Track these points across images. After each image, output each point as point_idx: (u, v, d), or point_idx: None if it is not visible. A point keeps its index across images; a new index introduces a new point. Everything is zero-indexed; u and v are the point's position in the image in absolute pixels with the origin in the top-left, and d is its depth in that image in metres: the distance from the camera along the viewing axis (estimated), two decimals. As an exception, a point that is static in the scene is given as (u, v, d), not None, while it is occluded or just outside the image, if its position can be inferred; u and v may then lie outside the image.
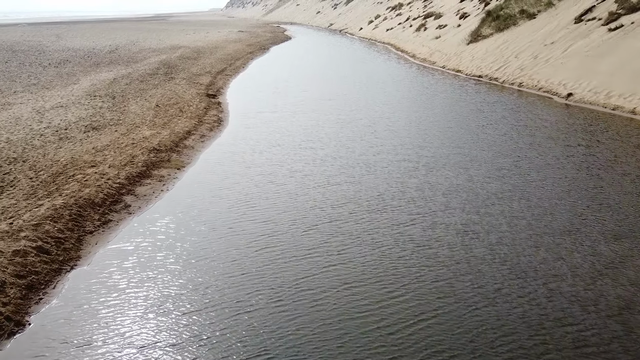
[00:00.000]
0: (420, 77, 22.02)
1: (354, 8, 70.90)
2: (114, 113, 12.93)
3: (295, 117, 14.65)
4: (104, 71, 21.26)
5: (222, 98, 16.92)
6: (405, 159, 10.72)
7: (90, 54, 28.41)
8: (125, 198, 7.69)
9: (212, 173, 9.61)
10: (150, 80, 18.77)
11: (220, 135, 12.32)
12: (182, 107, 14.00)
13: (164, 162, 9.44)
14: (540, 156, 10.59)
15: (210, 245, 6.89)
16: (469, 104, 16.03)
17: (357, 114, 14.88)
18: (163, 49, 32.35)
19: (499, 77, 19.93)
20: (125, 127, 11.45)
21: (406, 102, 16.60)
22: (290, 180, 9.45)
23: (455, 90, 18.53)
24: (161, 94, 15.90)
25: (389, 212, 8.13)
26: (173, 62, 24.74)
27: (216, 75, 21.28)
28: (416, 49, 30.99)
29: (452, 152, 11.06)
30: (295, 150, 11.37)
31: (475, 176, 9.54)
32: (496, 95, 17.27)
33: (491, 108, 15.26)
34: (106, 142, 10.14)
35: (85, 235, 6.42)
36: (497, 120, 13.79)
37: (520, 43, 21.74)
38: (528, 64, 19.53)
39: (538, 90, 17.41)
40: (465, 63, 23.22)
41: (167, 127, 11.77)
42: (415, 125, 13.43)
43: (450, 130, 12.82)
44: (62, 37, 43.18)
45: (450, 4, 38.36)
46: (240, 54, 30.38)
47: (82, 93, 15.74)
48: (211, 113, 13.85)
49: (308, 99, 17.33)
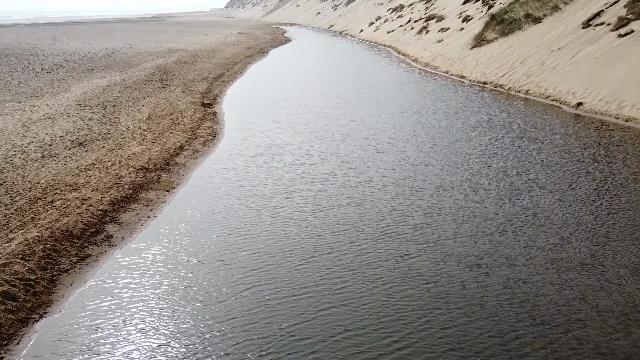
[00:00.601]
0: (422, 83, 21.41)
1: (355, 9, 70.30)
2: (103, 126, 12.31)
3: (293, 128, 14.04)
4: (97, 77, 20.65)
5: (218, 107, 16.30)
6: (409, 176, 10.11)
7: (85, 59, 27.80)
8: (107, 227, 7.07)
9: (203, 195, 8.99)
10: (144, 88, 18.16)
11: (215, 150, 11.69)
12: (175, 118, 13.39)
13: (152, 183, 8.82)
14: (554, 174, 9.97)
15: (199, 282, 6.28)
16: (475, 113, 15.41)
17: (358, 125, 14.27)
18: (160, 52, 31.73)
19: (505, 84, 19.31)
20: (113, 143, 10.84)
21: (409, 112, 15.99)
22: (287, 203, 8.84)
23: (459, 97, 17.91)
24: (154, 103, 15.28)
25: (394, 240, 7.51)
26: (169, 67, 24.13)
27: (213, 82, 20.67)
28: (418, 52, 30.38)
29: (459, 168, 10.44)
30: (293, 167, 10.77)
31: (486, 198, 8.92)
32: (502, 104, 16.65)
33: (498, 118, 14.65)
34: (92, 161, 9.52)
35: (60, 275, 5.81)
36: (505, 132, 13.18)
37: (525, 48, 21.12)
38: (535, 71, 18.92)
39: (546, 98, 16.79)
40: (469, 68, 22.60)
41: (159, 141, 11.15)
42: (419, 138, 12.81)
43: (456, 144, 12.20)
44: (59, 39, 42.57)
45: (453, 6, 37.76)
46: (239, 58, 29.77)
47: (72, 102, 15.12)
48: (206, 125, 13.23)
49: (307, 108, 16.72)
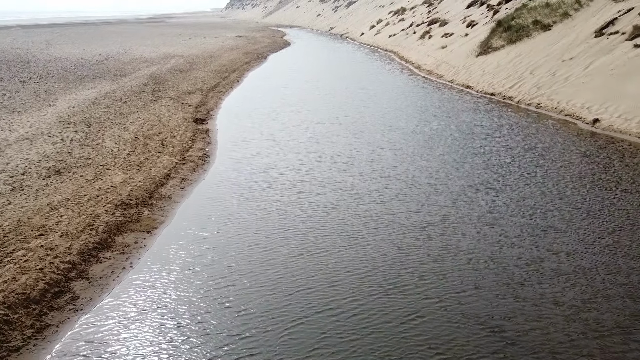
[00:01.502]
0: (427, 94, 20.47)
1: (355, 11, 69.37)
2: (85, 149, 11.37)
3: (290, 148, 13.12)
4: (86, 88, 19.71)
5: (211, 123, 15.36)
6: (417, 209, 9.18)
7: (76, 66, 26.87)
8: (73, 285, 6.14)
9: (187, 237, 8.03)
10: (134, 101, 17.22)
11: (204, 177, 10.74)
12: (164, 138, 12.45)
13: (132, 222, 7.88)
14: (576, 208, 9.02)
15: (174, 357, 5.36)
16: (484, 129, 14.47)
17: (359, 144, 13.34)
18: (155, 58, 30.81)
19: (514, 95, 18.36)
20: (93, 171, 9.90)
21: (413, 128, 15.05)
22: (280, 245, 7.91)
23: (466, 111, 16.97)
24: (143, 120, 14.35)
25: (401, 294, 6.59)
26: (163, 76, 23.19)
27: (208, 93, 19.73)
28: (421, 59, 29.44)
29: (471, 199, 9.50)
30: (289, 197, 9.84)
31: (503, 238, 7.98)
32: (513, 119, 15.71)
33: (510, 136, 13.71)
34: (66, 195, 8.59)
35: (9, 357, 4.89)
36: (518, 153, 12.23)
37: (535, 57, 20.18)
38: (545, 82, 17.97)
39: (559, 113, 15.85)
40: (475, 78, 21.66)
41: (143, 168, 10.22)
42: (426, 160, 11.88)
43: (466, 169, 11.26)
44: (52, 43, 41.64)
45: (456, 10, 36.83)
46: (236, 65, 28.83)
47: (55, 119, 14.19)
48: (196, 146, 12.29)
49: (305, 123, 15.79)
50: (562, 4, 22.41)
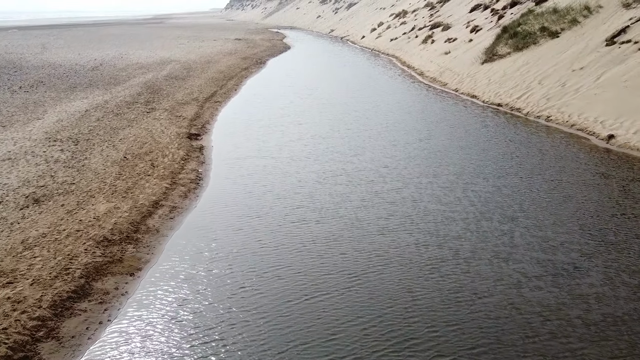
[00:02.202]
0: (431, 104, 19.74)
1: (356, 14, 68.68)
2: (70, 172, 10.64)
3: (289, 166, 12.41)
4: (78, 98, 19.00)
5: (206, 139, 14.63)
6: (425, 241, 8.47)
7: (70, 73, 26.16)
8: (41, 348, 5.40)
9: (174, 279, 7.27)
10: (126, 113, 16.51)
11: (197, 203, 10.01)
12: (155, 158, 11.73)
13: (113, 263, 7.15)
14: (598, 241, 8.30)
15: None
16: (493, 144, 13.75)
17: (362, 162, 12.63)
18: (151, 64, 30.10)
19: (522, 107, 17.64)
20: (76, 199, 9.18)
21: (418, 144, 14.33)
22: (275, 287, 7.19)
23: (473, 124, 16.24)
24: (134, 136, 13.63)
25: (409, 351, 5.88)
26: (158, 85, 22.47)
27: (204, 103, 19.01)
28: (424, 65, 28.72)
29: (484, 228, 8.78)
30: (287, 226, 9.14)
31: (523, 280, 7.26)
32: (522, 133, 14.98)
33: (520, 151, 12.98)
34: (43, 229, 7.87)
35: None
36: (529, 172, 11.50)
37: (543, 66, 19.46)
38: (555, 93, 17.25)
39: (570, 127, 15.12)
40: (480, 87, 20.94)
41: (130, 195, 9.50)
42: (433, 183, 11.16)
43: (477, 192, 10.53)
44: (48, 47, 40.94)
45: (459, 14, 36.12)
46: (234, 71, 28.12)
47: (41, 135, 13.47)
48: (189, 167, 11.56)
49: (305, 137, 15.08)
50: (570, 10, 21.69)
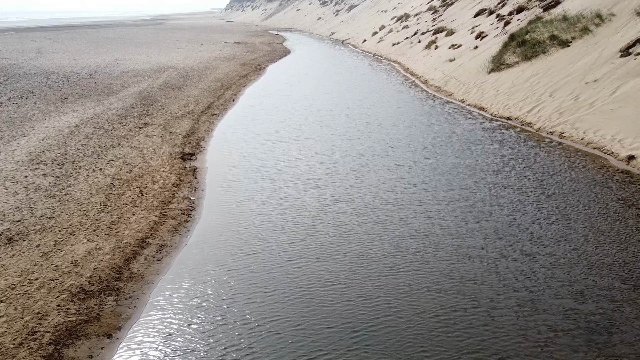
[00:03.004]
0: (437, 116, 18.91)
1: (357, 16, 67.86)
2: (50, 202, 9.82)
3: (288, 190, 11.61)
4: (68, 111, 18.18)
5: (200, 159, 13.81)
6: (440, 286, 7.66)
7: (63, 81, 25.34)
8: None
9: (156, 339, 6.38)
10: (117, 129, 15.68)
11: (188, 239, 9.18)
12: (144, 184, 10.91)
13: (90, 322, 6.31)
14: (631, 287, 7.48)
15: None
16: (505, 164, 12.92)
17: (366, 185, 11.81)
18: (147, 71, 29.28)
19: (533, 121, 16.81)
20: (54, 237, 8.36)
21: (425, 163, 13.51)
22: (267, 346, 6.38)
23: (483, 139, 15.41)
24: (124, 157, 12.81)
25: None
26: (153, 95, 21.65)
27: (200, 117, 18.18)
28: (428, 72, 27.90)
29: (503, 271, 7.96)
30: (285, 265, 8.33)
31: (554, 340, 6.44)
32: (535, 151, 14.15)
33: (534, 173, 12.15)
34: (13, 278, 7.05)
35: None
36: (546, 198, 10.67)
37: (554, 77, 18.64)
38: (568, 107, 16.43)
39: (586, 145, 14.30)
40: (488, 98, 20.12)
41: (114, 231, 8.68)
42: (443, 212, 10.34)
43: (493, 224, 9.71)
44: (43, 52, 40.10)
45: (463, 19, 35.31)
46: (233, 79, 27.30)
47: (25, 156, 12.65)
48: (181, 194, 10.74)
49: (305, 155, 14.26)
50: (581, 18, 20.86)
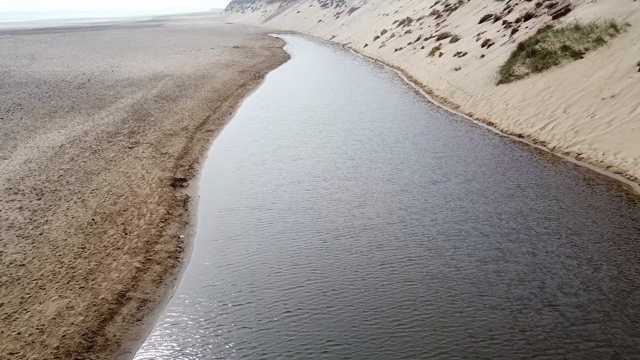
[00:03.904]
0: (444, 132, 17.93)
1: (358, 19, 66.92)
2: (23, 244, 8.87)
3: (285, 223, 10.69)
4: (55, 127, 17.25)
5: (192, 184, 12.86)
6: (453, 348, 6.72)
7: (54, 92, 24.41)
8: None
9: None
10: (106, 150, 14.75)
11: (174, 290, 8.20)
12: (128, 220, 9.97)
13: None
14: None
15: None
16: (520, 192, 11.96)
17: (370, 215, 10.88)
18: (143, 79, 28.36)
19: (547, 140, 15.85)
20: (21, 292, 7.43)
21: (432, 188, 12.58)
22: None
23: (494, 160, 14.44)
24: (109, 184, 11.87)
25: None
26: (146, 108, 20.72)
27: (194, 133, 17.24)
28: (432, 81, 26.95)
29: (525, 326, 7.02)
30: (280, 321, 7.41)
31: None
32: (551, 175, 13.19)
33: (551, 202, 11.19)
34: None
35: None
36: (566, 232, 9.71)
37: (567, 92, 17.69)
38: (584, 126, 15.48)
39: (606, 168, 13.34)
40: (497, 112, 19.17)
41: (91, 283, 7.74)
42: (458, 251, 9.41)
43: (513, 267, 8.77)
44: (37, 58, 39.19)
45: (467, 25, 34.37)
46: (230, 89, 26.37)
47: (1, 184, 11.70)
48: (169, 231, 9.78)
49: (304, 178, 13.34)
50: (595, 28, 19.92)
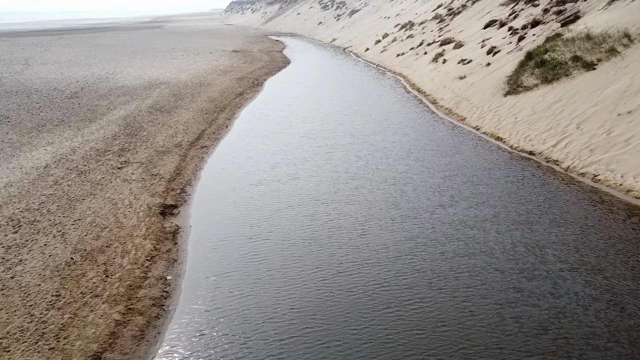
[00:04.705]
0: (449, 147, 17.05)
1: (359, 21, 66.07)
2: (-9, 290, 8.04)
3: (283, 257, 9.84)
4: (42, 144, 16.40)
5: (184, 212, 11.99)
6: None
7: (44, 101, 23.56)
8: None
9: None
10: (93, 171, 13.89)
11: (155, 349, 7.22)
12: (111, 258, 9.11)
13: None
14: None
15: None
16: (535, 218, 11.11)
17: (371, 247, 10.05)
18: (138, 88, 27.51)
19: (560, 159, 14.99)
20: (-18, 354, 6.62)
21: (441, 213, 11.74)
22: None
23: (504, 181, 13.58)
24: (94, 213, 11.01)
25: None
26: (139, 121, 19.87)
27: (188, 150, 16.37)
28: (436, 90, 26.09)
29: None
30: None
31: None
32: (567, 198, 12.33)
33: (571, 230, 10.34)
34: None
35: None
36: (588, 272, 8.87)
37: (580, 106, 16.84)
38: (600, 144, 14.62)
39: (626, 192, 12.48)
40: (506, 126, 18.32)
41: (62, 342, 6.88)
42: (470, 289, 8.56)
43: (535, 321, 7.93)
44: (31, 63, 38.34)
45: (472, 30, 33.52)
46: (228, 98, 25.51)
47: (-23, 213, 10.88)
48: (155, 272, 8.91)
49: (302, 203, 12.50)
50: (607, 38, 19.05)
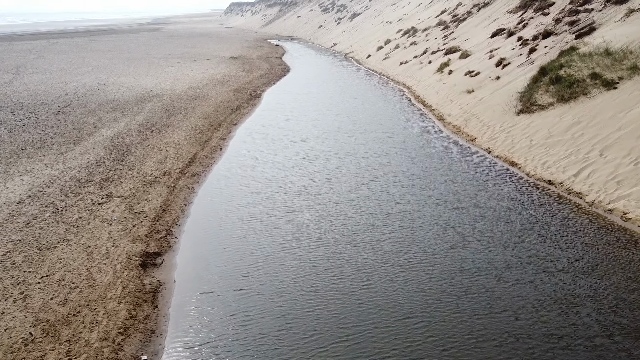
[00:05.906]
0: (459, 173, 15.70)
1: (360, 26, 64.75)
2: None
3: (276, 318, 8.55)
4: (18, 173, 15.11)
5: (168, 261, 10.69)
6: None
7: (29, 119, 22.29)
8: None
9: None
10: (70, 208, 12.61)
11: None
12: (77, 332, 7.78)
13: None
14: None
15: None
16: (556, 263, 9.81)
17: (377, 304, 8.76)
18: (129, 101, 26.25)
19: (583, 191, 13.68)
20: None
21: (454, 256, 10.46)
22: None
23: (521, 218, 12.28)
24: (65, 266, 9.73)
25: None
26: (127, 142, 18.60)
27: (178, 180, 15.07)
28: (443, 105, 24.78)
29: None
30: None
31: None
32: (595, 242, 11.02)
33: (601, 283, 9.05)
34: None
35: None
36: (626, 338, 7.60)
37: (602, 130, 15.53)
38: (627, 175, 13.32)
39: (661, 236, 11.22)
40: (520, 150, 17.00)
41: None
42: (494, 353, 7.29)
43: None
44: (22, 72, 37.07)
45: (478, 39, 32.21)
46: (223, 114, 24.23)
47: None
48: (128, 351, 7.48)
49: (299, 244, 11.23)
50: (629, 54, 17.75)
